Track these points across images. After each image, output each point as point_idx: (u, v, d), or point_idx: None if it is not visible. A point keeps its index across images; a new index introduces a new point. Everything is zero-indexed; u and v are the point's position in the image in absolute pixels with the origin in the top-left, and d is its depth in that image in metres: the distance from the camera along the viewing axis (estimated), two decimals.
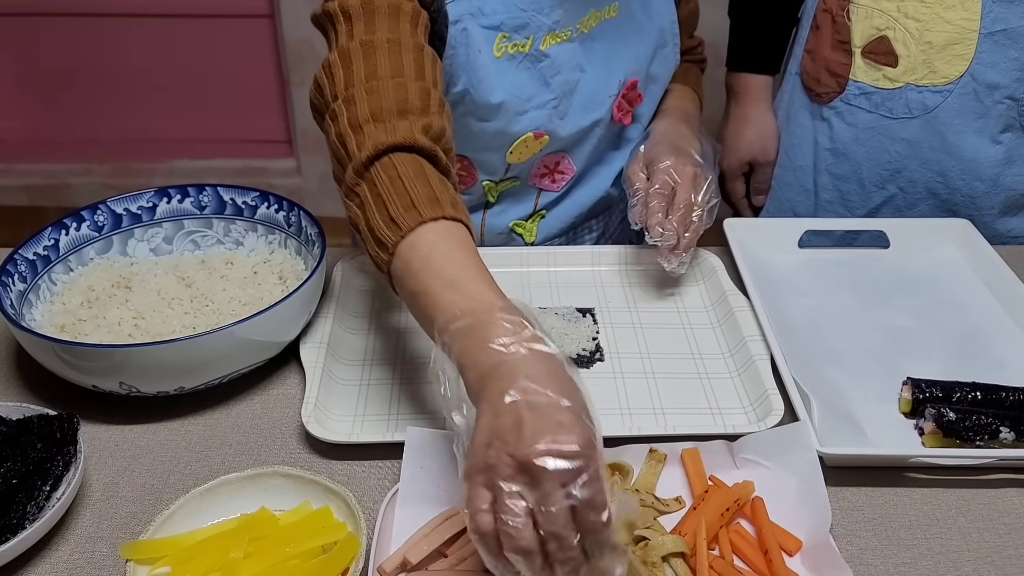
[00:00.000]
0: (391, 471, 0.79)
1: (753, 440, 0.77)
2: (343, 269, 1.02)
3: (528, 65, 0.98)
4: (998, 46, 1.09)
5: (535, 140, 1.02)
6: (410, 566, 0.67)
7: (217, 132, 2.87)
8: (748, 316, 0.95)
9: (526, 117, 1.00)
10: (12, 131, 2.88)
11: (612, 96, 1.05)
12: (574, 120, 1.04)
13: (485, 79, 0.96)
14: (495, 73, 0.96)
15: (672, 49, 1.11)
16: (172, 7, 2.63)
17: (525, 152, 1.04)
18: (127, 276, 0.96)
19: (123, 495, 0.77)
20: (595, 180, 1.14)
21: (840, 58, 1.18)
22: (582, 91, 1.03)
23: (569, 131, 1.04)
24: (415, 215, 0.70)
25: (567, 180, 1.10)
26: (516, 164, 1.05)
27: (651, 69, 1.09)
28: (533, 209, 1.12)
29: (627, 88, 1.06)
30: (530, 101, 0.99)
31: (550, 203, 1.12)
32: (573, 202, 1.14)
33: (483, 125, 1.00)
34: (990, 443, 0.80)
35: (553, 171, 1.09)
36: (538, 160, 1.07)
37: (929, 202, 1.21)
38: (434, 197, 0.71)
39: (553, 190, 1.11)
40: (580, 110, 1.03)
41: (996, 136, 1.15)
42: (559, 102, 1.01)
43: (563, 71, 1.00)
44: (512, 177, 1.08)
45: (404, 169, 0.73)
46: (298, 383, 0.89)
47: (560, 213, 1.14)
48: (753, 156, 1.31)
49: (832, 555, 0.68)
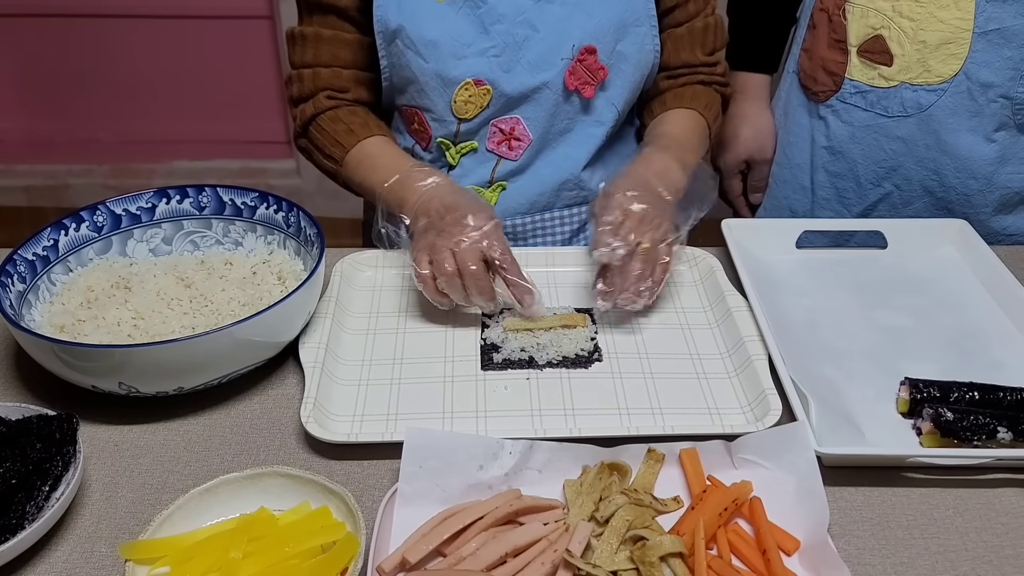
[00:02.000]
0: (390, 471, 0.79)
1: (751, 440, 0.78)
2: (342, 269, 1.02)
3: (467, 11, 1.04)
4: (992, 45, 1.10)
5: (476, 88, 1.05)
6: (409, 566, 0.67)
7: (216, 133, 2.87)
8: (746, 316, 0.95)
9: (464, 62, 1.05)
10: (12, 132, 2.88)
11: (565, 60, 1.06)
12: (521, 77, 1.06)
13: (419, 13, 1.04)
14: (431, 12, 1.04)
15: (648, 31, 1.09)
16: (171, 8, 2.63)
17: (471, 103, 1.07)
18: (126, 276, 0.96)
19: (122, 495, 0.77)
20: (557, 156, 1.13)
21: (836, 57, 1.18)
22: (532, 48, 1.05)
23: (516, 87, 1.06)
24: (354, 137, 1.06)
25: (524, 148, 1.11)
26: (466, 121, 1.08)
27: (619, 46, 1.08)
28: (491, 176, 1.13)
29: (583, 53, 1.05)
30: (469, 47, 1.04)
31: (510, 173, 1.13)
32: (534, 177, 1.13)
33: (422, 64, 1.06)
34: (988, 443, 0.80)
35: (509, 137, 1.10)
36: (490, 121, 1.09)
37: (924, 200, 1.22)
38: (364, 123, 1.08)
39: (511, 158, 1.12)
40: (528, 67, 1.06)
41: (990, 134, 1.15)
42: (500, 52, 1.05)
43: (505, 21, 1.04)
44: (468, 140, 1.11)
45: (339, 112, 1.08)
46: (297, 383, 0.90)
47: (522, 187, 1.14)
48: (750, 154, 1.31)
49: (830, 555, 0.68)
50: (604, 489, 0.73)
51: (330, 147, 1.08)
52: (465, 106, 1.07)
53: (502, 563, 0.68)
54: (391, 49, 1.07)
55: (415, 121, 1.13)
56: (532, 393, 0.88)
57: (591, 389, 0.89)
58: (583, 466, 0.77)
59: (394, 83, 1.11)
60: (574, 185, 1.14)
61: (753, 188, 1.35)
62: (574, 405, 0.86)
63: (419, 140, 1.15)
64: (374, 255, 1.06)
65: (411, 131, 1.15)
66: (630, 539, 0.69)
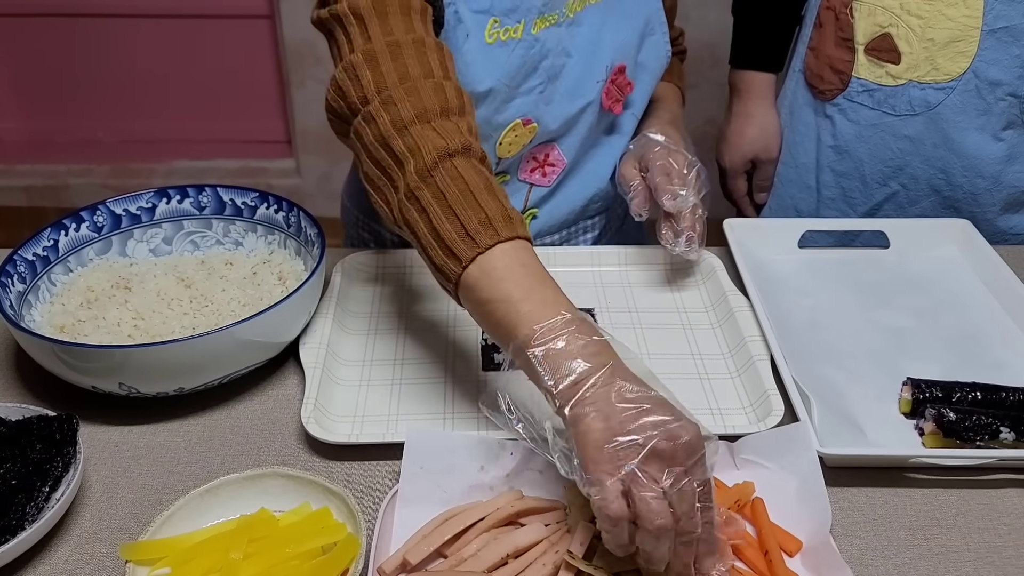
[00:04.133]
0: (391, 472, 0.79)
1: (753, 440, 0.77)
2: (343, 269, 1.02)
3: (521, 52, 0.96)
4: (1000, 43, 1.09)
5: (524, 128, 1.01)
6: (410, 567, 0.67)
7: (216, 132, 2.87)
8: (748, 316, 0.95)
9: (513, 104, 0.99)
10: (11, 132, 2.88)
11: (600, 82, 1.04)
12: (561, 107, 1.03)
13: (473, 64, 0.94)
14: (484, 59, 0.95)
15: (661, 38, 1.09)
16: (172, 8, 2.63)
17: (515, 143, 1.03)
18: (126, 277, 0.96)
19: (123, 496, 0.77)
20: (586, 175, 1.12)
21: (843, 55, 1.18)
22: (568, 76, 1.02)
23: (557, 118, 1.03)
24: (492, 233, 0.71)
25: (558, 173, 1.09)
26: (506, 159, 1.05)
27: (640, 57, 1.07)
28: (524, 205, 1.11)
29: (615, 73, 1.05)
30: (519, 88, 0.98)
31: (541, 200, 1.11)
32: (565, 199, 1.12)
33: None
34: (990, 443, 0.80)
35: (543, 164, 1.08)
36: (527, 152, 1.06)
37: (931, 199, 1.21)
38: (506, 215, 0.73)
39: (544, 185, 1.10)
40: (567, 96, 1.03)
41: (998, 133, 1.15)
42: (545, 87, 1.01)
43: (550, 56, 1.00)
44: (501, 172, 1.08)
45: (471, 178, 0.74)
46: (298, 384, 0.89)
47: (552, 210, 1.12)
48: (755, 154, 1.31)
49: (832, 555, 0.68)
50: None
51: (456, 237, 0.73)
52: (510, 147, 1.02)
53: (503, 564, 0.68)
54: None
55: None
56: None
57: None
58: None
59: None
60: (599, 198, 1.14)
61: (758, 188, 1.35)
62: None
63: None
64: (375, 255, 1.06)
65: None
66: None
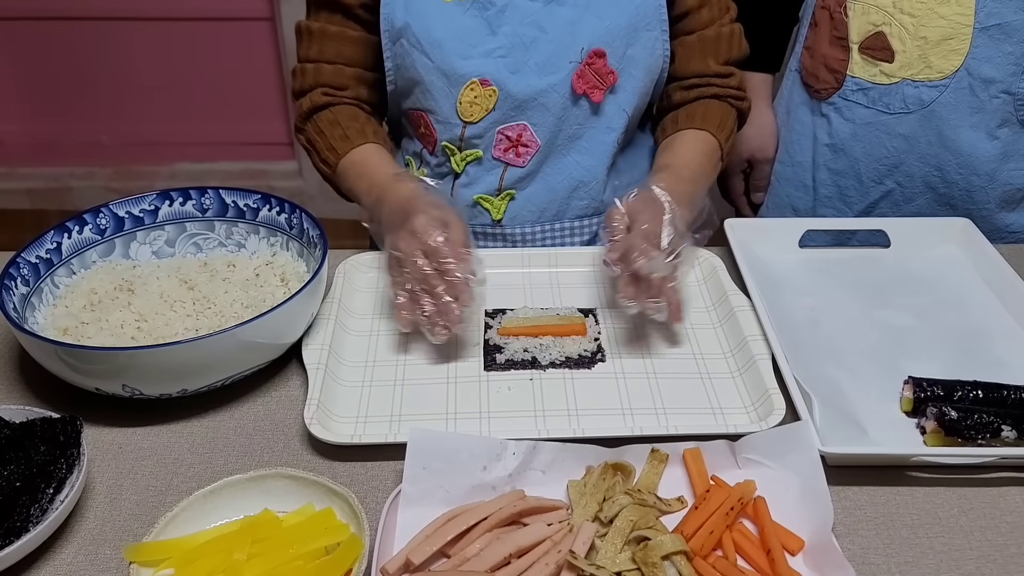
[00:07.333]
0: (394, 472, 0.79)
1: (755, 440, 0.77)
2: (345, 271, 1.03)
3: (475, 12, 1.04)
4: (993, 40, 1.10)
5: (482, 88, 1.04)
6: (413, 567, 0.67)
7: (218, 135, 2.87)
8: (749, 316, 0.95)
9: (470, 62, 1.04)
10: (14, 134, 2.89)
11: (573, 62, 1.05)
12: (528, 79, 1.05)
13: (425, 12, 1.04)
14: (438, 11, 1.04)
15: (658, 36, 1.08)
16: (173, 11, 2.64)
17: (476, 105, 1.06)
18: (129, 279, 0.96)
19: (126, 497, 0.77)
20: (568, 164, 1.11)
21: (838, 54, 1.18)
22: (540, 50, 1.05)
23: (522, 89, 1.05)
24: (348, 143, 1.07)
25: (531, 154, 1.09)
26: (472, 124, 1.07)
27: (630, 50, 1.07)
28: (500, 184, 1.12)
29: (591, 56, 1.05)
30: (475, 47, 1.04)
31: (518, 181, 1.11)
32: (543, 184, 1.12)
33: (427, 63, 1.05)
34: (992, 442, 0.80)
35: (516, 144, 1.09)
36: (497, 127, 1.08)
37: (927, 196, 1.21)
38: (361, 130, 1.08)
39: (518, 165, 1.10)
40: (535, 69, 1.05)
41: (993, 131, 1.15)
42: (507, 53, 1.04)
43: (512, 23, 1.04)
44: (473, 146, 1.09)
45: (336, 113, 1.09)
46: (300, 385, 0.90)
47: (531, 194, 1.12)
48: (752, 153, 1.31)
49: (834, 554, 0.68)
50: (608, 490, 0.73)
51: (325, 151, 1.08)
52: (471, 108, 1.07)
53: (506, 564, 0.68)
54: (396, 49, 1.07)
55: (421, 124, 1.12)
56: (535, 394, 0.88)
57: (594, 389, 0.89)
58: (587, 467, 0.77)
59: (399, 86, 1.11)
60: (585, 194, 1.13)
61: (755, 187, 1.35)
62: (577, 406, 0.86)
63: (426, 144, 1.14)
64: (377, 256, 1.06)
65: (419, 135, 1.15)
66: (634, 540, 0.69)
